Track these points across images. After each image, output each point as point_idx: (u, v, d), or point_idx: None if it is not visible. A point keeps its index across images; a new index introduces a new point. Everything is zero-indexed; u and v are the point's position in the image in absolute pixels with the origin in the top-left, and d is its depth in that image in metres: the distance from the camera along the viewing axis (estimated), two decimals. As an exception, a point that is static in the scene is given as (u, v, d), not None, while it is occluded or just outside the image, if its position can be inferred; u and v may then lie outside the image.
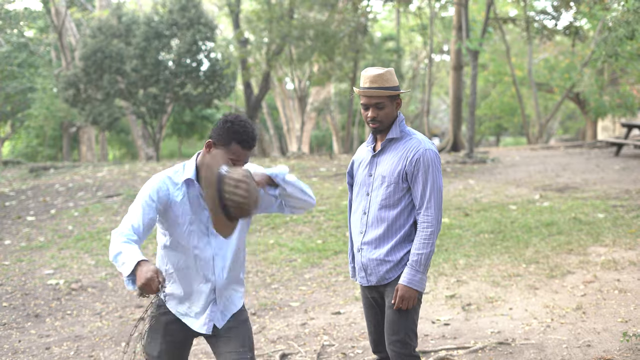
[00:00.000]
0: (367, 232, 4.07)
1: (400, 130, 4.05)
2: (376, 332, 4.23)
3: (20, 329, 7.23)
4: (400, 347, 3.95)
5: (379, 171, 4.05)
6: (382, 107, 3.99)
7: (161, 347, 3.81)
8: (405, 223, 4.01)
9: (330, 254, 9.43)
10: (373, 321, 4.23)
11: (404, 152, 3.99)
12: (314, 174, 15.97)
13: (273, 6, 22.53)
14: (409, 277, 3.90)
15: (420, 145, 3.98)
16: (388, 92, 3.96)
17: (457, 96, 23.66)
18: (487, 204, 11.88)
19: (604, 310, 6.41)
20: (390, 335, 3.97)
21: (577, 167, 16.17)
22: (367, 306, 4.26)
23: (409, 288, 3.89)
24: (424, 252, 3.90)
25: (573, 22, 23.66)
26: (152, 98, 22.83)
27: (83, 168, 19.77)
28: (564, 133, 50.00)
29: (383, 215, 4.01)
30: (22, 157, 34.51)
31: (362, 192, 4.14)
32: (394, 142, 4.06)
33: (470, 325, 6.38)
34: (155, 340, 3.83)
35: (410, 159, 3.95)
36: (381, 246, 4.01)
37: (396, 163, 3.99)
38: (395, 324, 3.96)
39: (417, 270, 3.90)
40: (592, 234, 9.21)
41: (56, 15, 27.84)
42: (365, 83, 4.01)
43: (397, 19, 32.50)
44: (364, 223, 4.09)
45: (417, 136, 4.06)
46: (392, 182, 3.98)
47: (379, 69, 4.01)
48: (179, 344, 3.86)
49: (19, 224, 12.31)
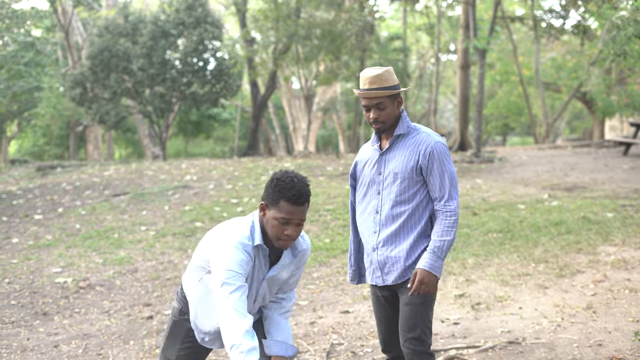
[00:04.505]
0: (382, 231, 4.04)
1: (407, 126, 4.05)
2: (386, 332, 4.20)
3: (28, 327, 7.22)
4: (417, 345, 3.92)
5: (390, 168, 4.02)
6: (383, 107, 3.98)
7: (179, 352, 3.80)
8: (421, 218, 4.00)
9: (338, 252, 9.40)
10: (383, 320, 4.21)
11: (415, 146, 3.99)
12: (321, 173, 15.94)
13: (280, 5, 22.51)
14: (431, 262, 3.86)
15: (430, 138, 4.00)
16: (387, 92, 3.95)
17: (464, 95, 23.63)
18: (495, 203, 11.84)
19: (614, 309, 6.37)
20: (406, 333, 3.94)
21: (585, 166, 16.12)
22: (377, 305, 4.23)
23: (429, 273, 3.86)
24: (447, 239, 3.90)
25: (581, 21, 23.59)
26: (158, 97, 22.85)
27: (90, 167, 19.78)
28: (571, 133, 49.89)
29: (397, 212, 3.99)
30: (28, 156, 34.58)
31: (371, 192, 4.11)
32: (402, 138, 4.06)
33: (479, 324, 6.35)
34: (174, 344, 3.82)
35: (424, 153, 3.95)
36: (398, 243, 3.99)
37: (408, 158, 3.98)
38: (411, 321, 3.93)
39: (439, 256, 3.88)
40: (602, 233, 9.16)
41: (63, 15, 27.89)
42: (364, 84, 3.99)
43: (404, 18, 32.46)
44: (377, 222, 4.06)
45: (424, 130, 4.07)
46: (406, 178, 3.97)
47: (377, 69, 3.99)
48: (198, 350, 3.85)
49: (26, 222, 12.32)
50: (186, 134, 37.95)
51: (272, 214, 3.49)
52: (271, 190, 3.49)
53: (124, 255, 9.82)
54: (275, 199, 3.46)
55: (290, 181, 3.48)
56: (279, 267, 3.65)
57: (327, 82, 26.00)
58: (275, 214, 3.47)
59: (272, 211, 3.49)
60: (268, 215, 3.52)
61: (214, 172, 16.44)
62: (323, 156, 21.26)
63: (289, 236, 3.51)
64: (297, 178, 3.51)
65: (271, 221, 3.49)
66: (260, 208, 3.56)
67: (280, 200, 3.45)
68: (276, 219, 3.47)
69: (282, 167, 17.12)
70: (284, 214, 3.45)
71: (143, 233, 10.98)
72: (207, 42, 23.31)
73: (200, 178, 15.47)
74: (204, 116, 35.82)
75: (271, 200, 3.49)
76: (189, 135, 38.73)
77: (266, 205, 3.53)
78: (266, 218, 3.53)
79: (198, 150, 43.33)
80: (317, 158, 20.09)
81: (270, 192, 3.49)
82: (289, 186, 3.47)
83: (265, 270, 3.63)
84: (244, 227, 3.57)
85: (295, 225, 3.51)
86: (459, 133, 23.56)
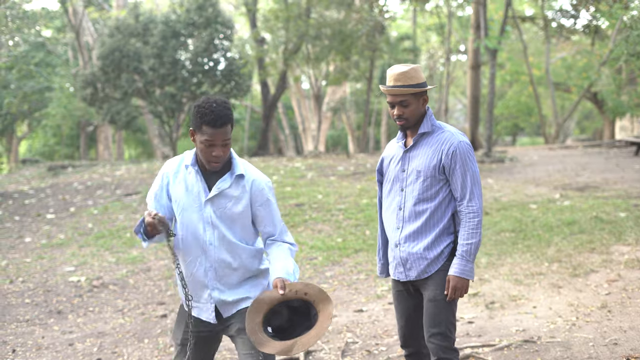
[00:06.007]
0: (405, 227, 4.04)
1: (432, 124, 4.05)
2: (406, 327, 4.20)
3: (43, 325, 7.25)
4: (441, 340, 3.92)
5: (413, 166, 4.03)
6: (407, 104, 3.98)
7: (184, 335, 3.83)
8: (444, 216, 4.00)
9: (351, 252, 9.41)
10: (404, 315, 4.20)
11: (438, 145, 3.99)
12: (332, 173, 15.95)
13: (290, 5, 22.54)
14: (461, 267, 3.88)
15: (454, 138, 3.99)
16: (411, 90, 3.95)
17: (475, 95, 23.60)
18: (507, 203, 11.83)
19: (629, 308, 6.36)
20: (431, 328, 3.95)
21: (596, 166, 16.08)
22: (398, 300, 4.23)
23: (461, 278, 3.88)
24: (473, 241, 3.90)
25: (592, 20, 23.52)
26: (169, 97, 22.88)
27: (101, 167, 19.84)
28: (581, 133, 49.77)
29: (420, 209, 3.99)
30: (39, 156, 34.69)
31: (395, 188, 4.12)
32: (426, 137, 4.05)
33: (494, 323, 6.35)
34: (179, 329, 3.89)
35: (447, 152, 3.95)
36: (420, 240, 4.00)
37: (431, 157, 3.98)
38: (436, 317, 3.94)
39: (468, 260, 3.89)
40: (614, 232, 9.14)
41: (73, 15, 27.97)
42: (389, 81, 4.00)
43: (414, 18, 32.44)
44: (400, 218, 4.07)
45: (449, 129, 4.06)
46: (429, 176, 3.97)
47: (404, 67, 3.99)
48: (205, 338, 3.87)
49: (39, 221, 12.36)
50: (196, 133, 37.97)
51: (198, 138, 3.66)
52: (193, 116, 3.66)
53: (136, 254, 9.84)
54: (198, 124, 3.63)
55: (209, 106, 3.62)
56: (217, 188, 3.75)
57: (337, 82, 26.01)
58: (201, 138, 3.64)
59: (198, 136, 3.66)
60: (197, 140, 3.69)
61: (224, 171, 16.43)
62: (333, 156, 21.27)
63: (216, 157, 3.67)
64: (217, 102, 3.65)
65: (199, 145, 3.67)
66: (190, 134, 3.72)
67: (202, 125, 3.62)
68: (202, 142, 3.64)
69: (293, 167, 17.13)
70: (207, 137, 3.62)
71: (155, 232, 10.99)
72: (218, 42, 23.32)
73: (211, 178, 15.47)
74: (214, 116, 35.83)
75: (195, 126, 3.66)
76: (198, 135, 38.76)
77: (194, 132, 3.70)
78: (196, 144, 3.71)
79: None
80: (328, 158, 20.10)
81: (193, 118, 3.67)
82: (208, 111, 3.61)
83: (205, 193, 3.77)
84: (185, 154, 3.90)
85: (221, 146, 3.66)
86: (469, 133, 23.53)
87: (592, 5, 20.36)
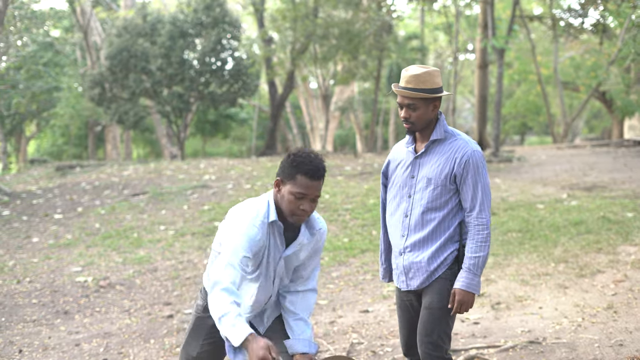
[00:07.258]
0: (410, 235, 3.96)
1: (444, 131, 3.93)
2: (409, 336, 4.15)
3: (49, 325, 7.27)
4: (432, 349, 3.87)
5: (424, 173, 3.92)
6: (415, 108, 3.85)
7: (201, 349, 3.82)
8: (451, 225, 3.90)
9: (357, 252, 9.41)
10: (407, 325, 4.15)
11: (451, 153, 3.87)
12: (339, 173, 15.95)
13: (298, 5, 22.54)
14: (467, 281, 3.80)
15: (467, 147, 3.87)
16: (420, 95, 3.82)
17: (483, 95, 23.56)
18: (514, 202, 11.81)
19: (635, 309, 6.34)
20: (424, 336, 3.89)
21: (604, 166, 16.03)
22: (402, 309, 4.18)
23: (467, 292, 3.79)
24: (481, 254, 3.81)
25: (600, 19, 23.46)
26: (177, 97, 22.94)
27: (109, 167, 19.87)
28: (589, 132, 49.64)
29: (428, 218, 3.90)
30: (47, 156, 34.79)
31: (402, 194, 4.02)
32: (438, 144, 3.93)
33: (500, 324, 6.34)
34: (196, 341, 3.84)
35: (459, 161, 3.84)
36: (425, 248, 3.91)
37: (443, 165, 3.87)
38: (429, 325, 3.88)
39: (475, 273, 3.80)
40: (622, 233, 9.11)
41: (81, 15, 28.04)
42: (402, 82, 3.88)
43: (422, 17, 32.41)
44: (406, 226, 3.98)
45: (462, 136, 3.94)
46: (439, 185, 3.87)
47: (419, 69, 3.85)
48: (219, 347, 3.86)
49: (46, 221, 12.39)
50: (204, 133, 38.06)
51: (288, 188, 3.48)
52: (288, 165, 3.49)
53: (143, 254, 9.86)
54: (292, 173, 3.46)
55: (307, 156, 3.48)
56: (297, 245, 3.63)
57: (345, 82, 26.02)
58: (292, 189, 3.47)
59: (288, 186, 3.49)
60: (283, 190, 3.51)
61: (232, 171, 16.49)
62: (341, 156, 21.27)
63: (304, 211, 3.50)
64: (314, 154, 3.51)
65: (287, 196, 3.49)
66: (275, 184, 3.55)
67: (297, 174, 3.45)
68: (292, 193, 3.46)
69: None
70: (300, 189, 3.45)
71: (162, 232, 11.03)
72: (225, 42, 23.38)
73: (219, 178, 15.52)
74: (222, 116, 35.90)
75: (287, 175, 3.48)
76: (206, 135, 38.85)
77: (281, 181, 3.53)
78: (281, 194, 3.53)
79: (215, 150, 43.43)
80: (335, 158, 20.10)
81: (287, 167, 3.49)
82: (307, 161, 3.46)
83: (282, 248, 3.63)
84: (260, 205, 3.58)
85: (310, 200, 3.49)
86: (477, 132, 23.50)
87: (600, 4, 20.33)
